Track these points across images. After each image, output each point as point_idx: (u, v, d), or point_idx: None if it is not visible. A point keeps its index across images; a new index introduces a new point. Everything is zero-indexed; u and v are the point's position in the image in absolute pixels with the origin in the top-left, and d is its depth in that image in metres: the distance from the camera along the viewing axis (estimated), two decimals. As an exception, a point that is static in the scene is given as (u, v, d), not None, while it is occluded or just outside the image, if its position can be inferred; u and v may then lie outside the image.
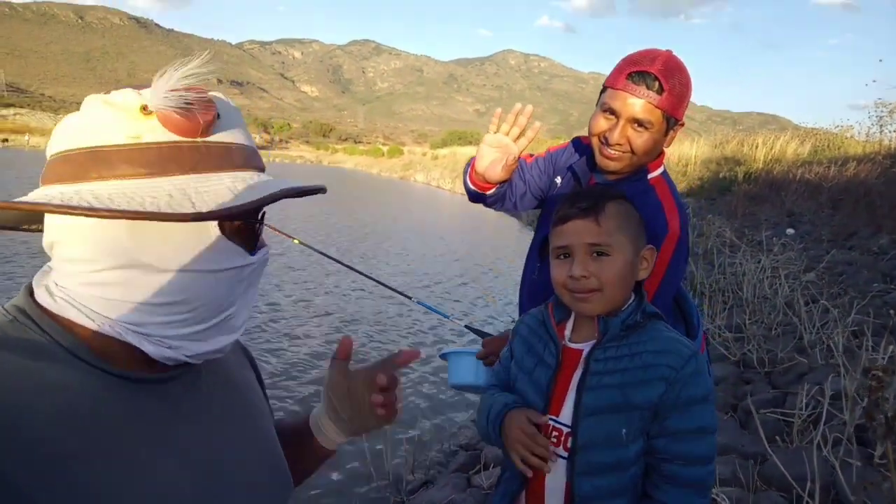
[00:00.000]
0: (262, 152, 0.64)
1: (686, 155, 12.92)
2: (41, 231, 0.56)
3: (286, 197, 0.56)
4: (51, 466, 0.46)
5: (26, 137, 53.69)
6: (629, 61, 1.19)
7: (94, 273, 0.52)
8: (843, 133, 11.36)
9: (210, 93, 0.56)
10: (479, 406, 1.07)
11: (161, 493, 0.53)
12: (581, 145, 1.41)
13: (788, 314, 3.69)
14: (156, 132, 0.52)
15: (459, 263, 9.28)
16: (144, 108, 0.52)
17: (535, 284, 1.36)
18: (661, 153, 1.28)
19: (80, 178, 0.51)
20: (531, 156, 1.50)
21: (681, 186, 10.84)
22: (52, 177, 0.52)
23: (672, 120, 1.20)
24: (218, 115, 0.55)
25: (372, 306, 6.26)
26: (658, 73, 1.14)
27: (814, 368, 2.95)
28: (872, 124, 9.92)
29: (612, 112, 1.19)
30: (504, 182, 1.33)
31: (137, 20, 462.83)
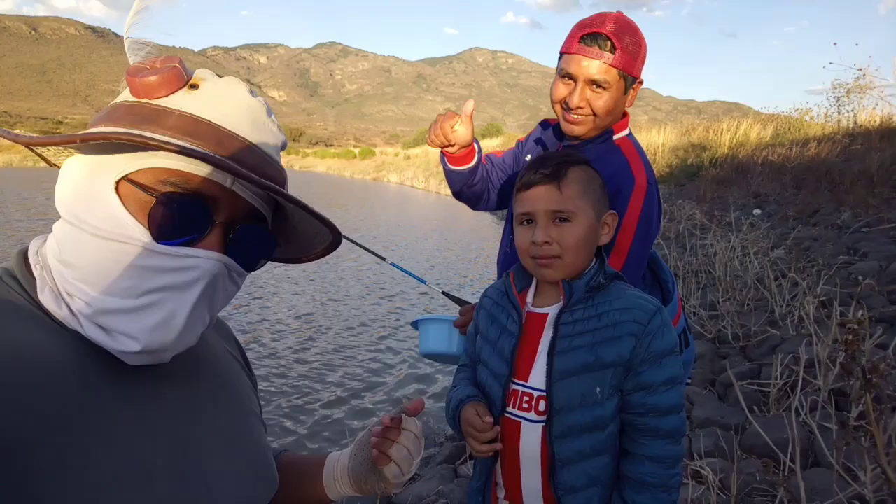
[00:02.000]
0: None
1: (654, 143, 13.14)
2: None
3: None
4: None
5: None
6: (581, 25, 1.21)
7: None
8: (802, 116, 11.67)
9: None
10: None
11: (134, 469, 0.51)
12: (548, 124, 1.42)
13: (760, 289, 3.78)
14: None
15: (455, 255, 9.17)
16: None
17: (509, 256, 1.37)
18: (626, 115, 1.29)
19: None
20: (502, 151, 1.52)
21: (651, 174, 11.00)
22: None
23: (630, 78, 1.21)
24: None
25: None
26: (609, 34, 1.16)
27: (786, 339, 3.02)
28: (830, 105, 10.20)
29: (570, 77, 1.20)
30: (474, 152, 1.36)
31: (94, 30, 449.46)
